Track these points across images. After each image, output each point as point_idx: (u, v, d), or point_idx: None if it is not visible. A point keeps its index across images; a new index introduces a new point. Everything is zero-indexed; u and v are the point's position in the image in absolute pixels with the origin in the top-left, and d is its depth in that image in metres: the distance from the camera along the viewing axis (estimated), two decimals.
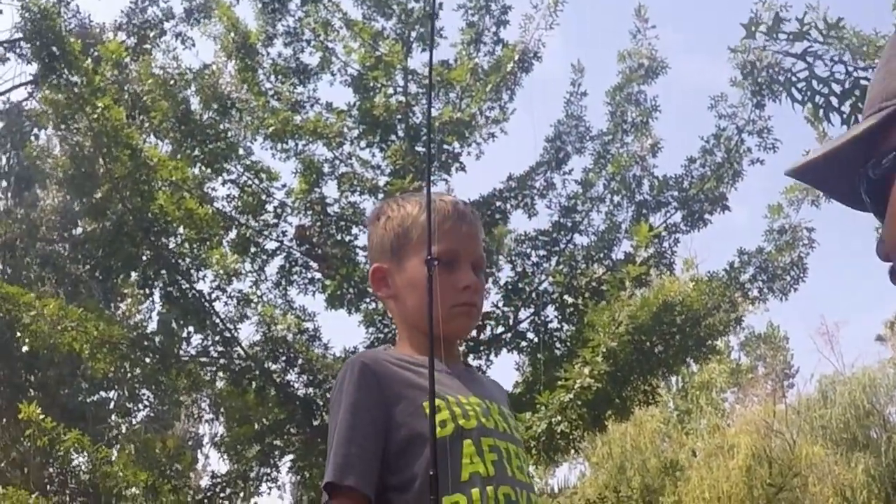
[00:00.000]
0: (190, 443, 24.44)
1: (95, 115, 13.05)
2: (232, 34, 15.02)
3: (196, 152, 14.33)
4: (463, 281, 2.87)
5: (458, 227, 2.93)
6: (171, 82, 14.73)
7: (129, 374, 15.15)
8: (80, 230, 18.95)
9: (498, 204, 14.79)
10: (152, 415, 22.04)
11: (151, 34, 21.16)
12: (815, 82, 7.94)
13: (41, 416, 12.75)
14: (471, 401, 2.81)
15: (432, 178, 13.98)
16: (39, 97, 16.74)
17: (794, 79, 8.15)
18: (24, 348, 15.33)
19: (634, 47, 14.72)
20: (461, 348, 3.06)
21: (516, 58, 14.67)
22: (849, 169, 1.75)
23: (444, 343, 2.76)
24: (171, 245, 14.12)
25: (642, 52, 14.66)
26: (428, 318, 2.74)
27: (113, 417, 22.17)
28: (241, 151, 14.54)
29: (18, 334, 13.76)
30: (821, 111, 8.02)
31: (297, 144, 14.57)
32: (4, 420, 20.77)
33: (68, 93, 13.20)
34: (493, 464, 2.73)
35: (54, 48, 13.33)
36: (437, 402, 2.65)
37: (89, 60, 13.64)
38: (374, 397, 2.70)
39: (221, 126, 14.65)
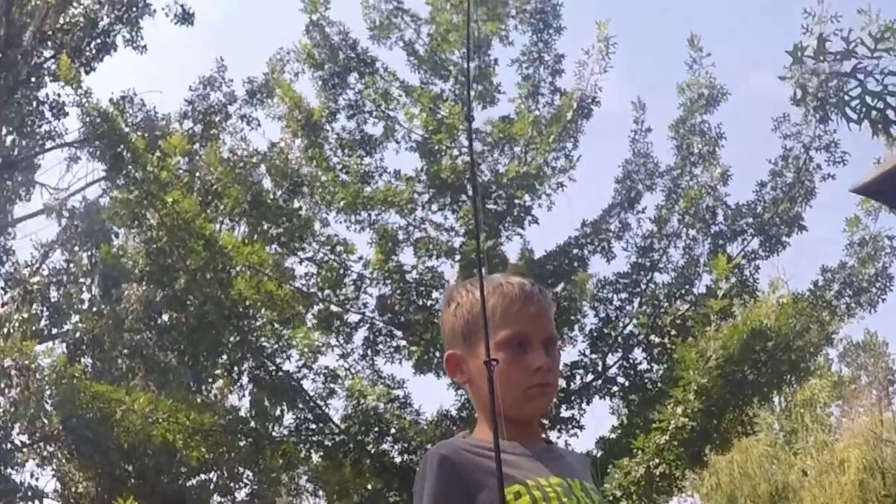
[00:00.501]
0: None
1: (165, 210, 13.25)
2: (296, 112, 15.17)
3: (271, 233, 14.48)
4: (535, 363, 2.83)
5: (527, 309, 2.89)
6: (241, 165, 14.93)
7: (226, 457, 15.27)
8: (165, 317, 19.18)
9: (575, 251, 14.79)
10: (253, 492, 22.18)
11: (217, 118, 21.45)
12: (868, 98, 7.85)
13: None
14: (551, 482, 2.78)
15: (506, 233, 14.07)
16: (110, 197, 17.02)
17: (846, 97, 8.06)
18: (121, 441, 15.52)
19: (692, 78, 14.71)
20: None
21: (575, 105, 14.69)
22: None
23: (522, 424, 2.81)
24: (255, 328, 14.23)
25: (700, 82, 14.64)
26: (492, 421, 2.73)
27: (215, 498, 22.33)
28: (315, 228, 14.67)
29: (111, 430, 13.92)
30: (879, 126, 7.93)
31: (370, 215, 14.70)
32: None
33: (137, 189, 13.40)
34: None
35: (119, 148, 13.58)
36: (518, 487, 2.67)
37: (156, 155, 13.87)
38: (456, 489, 2.69)
39: (294, 204, 14.80)
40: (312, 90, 15.48)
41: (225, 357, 14.46)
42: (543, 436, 3.00)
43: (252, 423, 13.99)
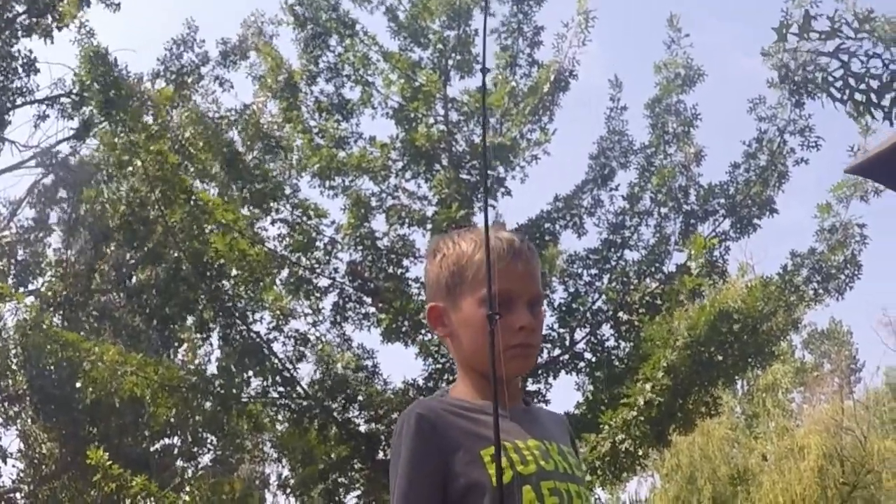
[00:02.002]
0: (256, 482, 24.52)
1: (150, 160, 13.18)
2: (276, 73, 15.11)
3: (244, 193, 14.43)
4: (518, 322, 2.81)
5: (514, 267, 2.85)
6: (216, 125, 14.86)
7: (191, 420, 15.22)
8: (135, 280, 19.12)
9: (547, 225, 14.78)
10: (217, 458, 22.15)
11: (189, 80, 21.34)
12: (851, 80, 7.84)
13: (108, 463, 12.87)
14: (529, 444, 2.78)
15: (479, 204, 14.06)
16: (99, 141, 16.91)
17: (830, 78, 8.05)
18: (87, 400, 15.46)
19: (670, 57, 14.72)
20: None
21: (552, 78, 14.68)
22: None
23: (501, 384, 2.75)
24: (227, 287, 14.19)
25: (678, 62, 14.64)
26: (492, 377, 2.73)
27: (178, 463, 22.30)
28: (288, 190, 14.60)
29: (79, 384, 13.86)
30: (861, 107, 7.93)
31: (343, 181, 14.65)
32: (70, 473, 20.97)
33: (125, 137, 13.34)
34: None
35: (112, 92, 13.52)
36: (492, 449, 2.63)
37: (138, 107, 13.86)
38: (432, 448, 2.70)
39: (267, 166, 14.75)
40: (292, 52, 15.46)
41: (195, 316, 14.42)
42: (523, 397, 2.98)
43: (219, 383, 13.89)
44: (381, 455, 14.09)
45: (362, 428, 14.36)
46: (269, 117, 16.50)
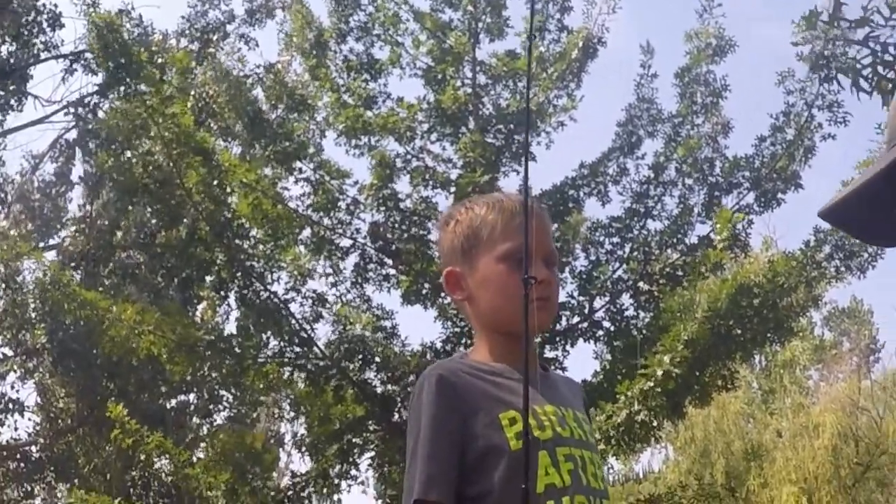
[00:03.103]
0: (272, 441, 24.57)
1: (165, 123, 13.15)
2: (306, 31, 15.06)
3: (267, 152, 14.41)
4: (536, 276, 2.76)
5: (527, 223, 2.80)
6: (240, 83, 14.83)
7: (208, 377, 15.26)
8: (157, 239, 19.19)
9: (571, 192, 14.72)
10: (233, 415, 22.21)
11: (214, 37, 21.29)
12: (881, 68, 7.77)
13: (126, 417, 12.95)
14: (546, 410, 2.77)
15: (503, 169, 14.03)
16: (107, 108, 16.93)
17: (858, 66, 7.98)
18: (106, 355, 15.51)
19: (701, 27, 14.62)
20: (536, 340, 2.98)
21: (580, 44, 14.61)
22: (878, 203, 1.70)
23: (516, 348, 2.73)
24: (245, 247, 14.19)
25: (709, 32, 14.55)
26: (492, 340, 2.82)
27: (194, 420, 22.37)
28: (311, 150, 14.57)
29: (98, 342, 13.90)
30: (890, 95, 7.85)
31: (369, 140, 14.60)
32: (86, 428, 21.05)
33: (137, 102, 13.31)
34: (570, 473, 2.70)
35: (121, 59, 13.47)
36: (514, 413, 2.65)
37: (155, 70, 13.79)
38: (452, 410, 2.69)
39: (292, 125, 14.72)
40: (321, 10, 15.41)
41: (213, 276, 14.44)
42: (540, 363, 2.96)
43: (236, 343, 13.90)
44: (396, 417, 14.11)
45: (378, 389, 14.37)
46: (294, 76, 16.46)
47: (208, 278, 14.70)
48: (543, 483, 2.64)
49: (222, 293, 14.69)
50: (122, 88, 13.82)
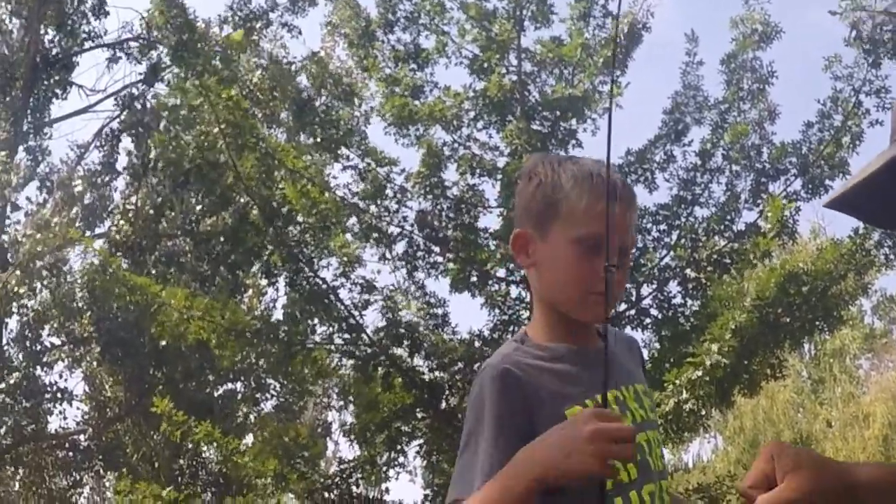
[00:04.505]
0: (319, 430, 24.63)
1: (221, 105, 13.19)
2: (354, 21, 15.07)
3: (313, 139, 14.45)
4: (604, 268, 2.63)
5: (610, 210, 2.66)
6: (286, 70, 14.88)
7: (255, 365, 15.31)
8: (203, 226, 19.25)
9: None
10: (280, 404, 22.28)
11: (257, 25, 21.34)
12: None
13: (172, 410, 13.02)
14: (609, 398, 2.65)
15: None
16: (168, 86, 17.00)
17: None
18: (154, 344, 15.60)
19: (747, 13, 14.53)
20: None
21: (625, 30, 14.53)
22: (883, 192, 1.68)
23: (578, 326, 2.73)
24: (294, 233, 14.23)
25: (755, 17, 14.46)
26: (553, 317, 2.78)
27: (241, 408, 22.44)
28: (357, 137, 14.59)
29: (146, 327, 13.97)
30: None
31: (417, 128, 14.58)
32: (134, 416, 21.17)
33: (196, 81, 13.38)
34: (637, 463, 2.63)
35: (184, 35, 13.57)
36: (578, 409, 2.61)
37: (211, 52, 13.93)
38: (517, 405, 2.63)
39: (338, 112, 14.74)
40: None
41: (262, 262, 14.49)
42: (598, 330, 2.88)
43: (284, 329, 13.92)
44: (444, 405, 14.12)
45: (426, 377, 14.37)
46: (338, 63, 16.47)
47: (257, 264, 14.74)
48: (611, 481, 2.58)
49: (271, 279, 14.71)
50: (180, 64, 13.87)
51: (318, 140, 14.34)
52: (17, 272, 16.46)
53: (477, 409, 2.66)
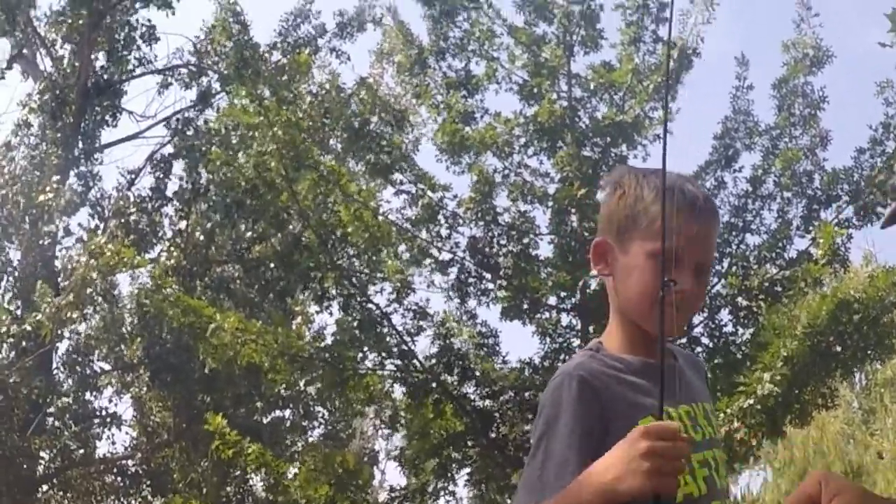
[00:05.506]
0: (366, 459, 24.59)
1: (281, 126, 13.27)
2: (407, 49, 15.15)
3: (364, 163, 14.52)
4: (681, 284, 2.68)
5: (690, 225, 2.73)
6: (339, 95, 14.98)
7: (304, 392, 15.31)
8: (252, 253, 19.34)
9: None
10: (328, 432, 22.25)
11: (306, 51, 21.47)
12: None
13: (225, 428, 13.01)
14: (680, 412, 2.73)
15: (600, 182, 13.92)
16: (226, 106, 17.15)
17: None
18: (204, 369, 15.66)
19: (798, 37, 14.45)
20: None
21: (675, 55, 14.47)
22: None
23: (651, 339, 2.70)
24: (348, 256, 14.28)
25: (806, 42, 14.37)
26: (632, 332, 2.78)
27: (288, 436, 22.42)
28: (411, 163, 14.64)
29: (200, 350, 13.99)
30: None
31: (468, 155, 14.60)
32: (182, 443, 21.19)
33: (255, 101, 13.48)
34: (705, 480, 2.67)
35: (245, 53, 13.69)
36: (651, 419, 2.57)
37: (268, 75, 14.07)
38: (593, 415, 2.65)
39: (392, 137, 14.80)
40: (420, 26, 15.45)
41: (315, 285, 14.52)
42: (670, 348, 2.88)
43: (336, 354, 13.93)
44: (494, 433, 14.07)
45: (477, 404, 14.35)
46: (387, 89, 16.55)
47: (309, 288, 14.80)
48: (682, 493, 2.60)
49: (324, 303, 14.74)
50: (240, 83, 14.00)
51: (371, 164, 14.38)
52: (70, 297, 16.53)
53: (549, 416, 2.68)
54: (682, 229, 2.67)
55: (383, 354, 14.17)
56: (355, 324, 14.10)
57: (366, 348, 14.21)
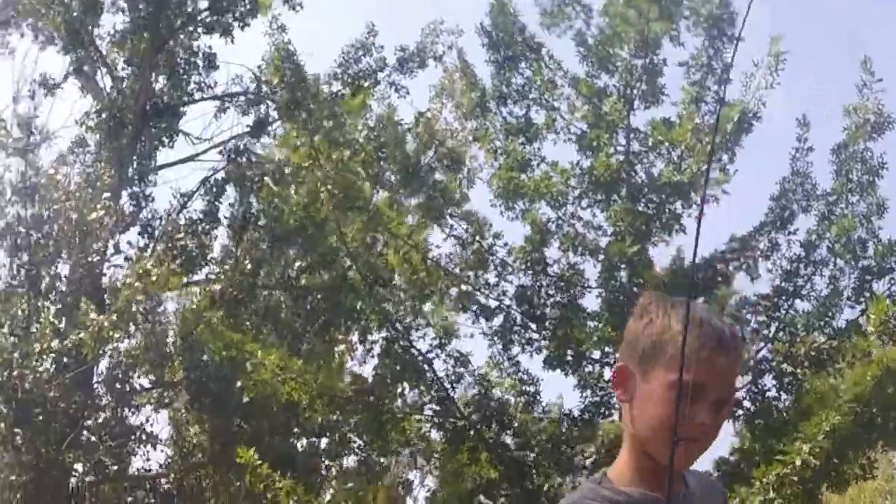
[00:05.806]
0: (400, 490, 24.54)
1: (330, 166, 13.30)
2: (469, 92, 15.20)
3: (416, 202, 14.54)
4: (699, 417, 2.66)
5: (714, 359, 2.67)
6: (395, 131, 15.03)
7: (342, 424, 15.30)
8: (301, 283, 19.37)
9: (720, 266, 14.48)
10: (363, 459, 22.20)
11: (366, 84, 21.54)
12: None
13: (257, 462, 13.02)
14: None
15: (654, 239, 13.89)
16: (275, 142, 17.24)
17: None
18: (243, 399, 15.67)
19: (860, 102, 14.31)
20: None
21: (736, 118, 14.37)
22: None
23: (662, 470, 2.66)
24: (395, 299, 14.28)
25: (868, 107, 14.23)
26: (644, 468, 2.74)
27: (323, 464, 22.39)
28: (465, 206, 14.65)
29: (239, 383, 14.03)
30: None
31: (523, 203, 14.59)
32: (216, 465, 21.21)
33: (306, 140, 13.51)
34: None
35: (297, 93, 13.73)
36: None
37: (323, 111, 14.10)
38: None
39: (447, 181, 14.82)
40: (484, 70, 15.48)
41: (359, 325, 14.53)
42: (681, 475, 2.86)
43: (376, 395, 13.93)
44: (529, 483, 13.99)
45: (514, 454, 14.27)
46: (444, 125, 16.58)
47: (354, 327, 14.81)
48: None
49: (368, 344, 14.76)
50: (291, 122, 14.05)
51: (424, 206, 14.38)
52: (113, 317, 16.63)
53: None
54: (706, 363, 2.65)
55: (422, 399, 14.15)
56: (396, 366, 14.08)
57: (405, 391, 14.19)
